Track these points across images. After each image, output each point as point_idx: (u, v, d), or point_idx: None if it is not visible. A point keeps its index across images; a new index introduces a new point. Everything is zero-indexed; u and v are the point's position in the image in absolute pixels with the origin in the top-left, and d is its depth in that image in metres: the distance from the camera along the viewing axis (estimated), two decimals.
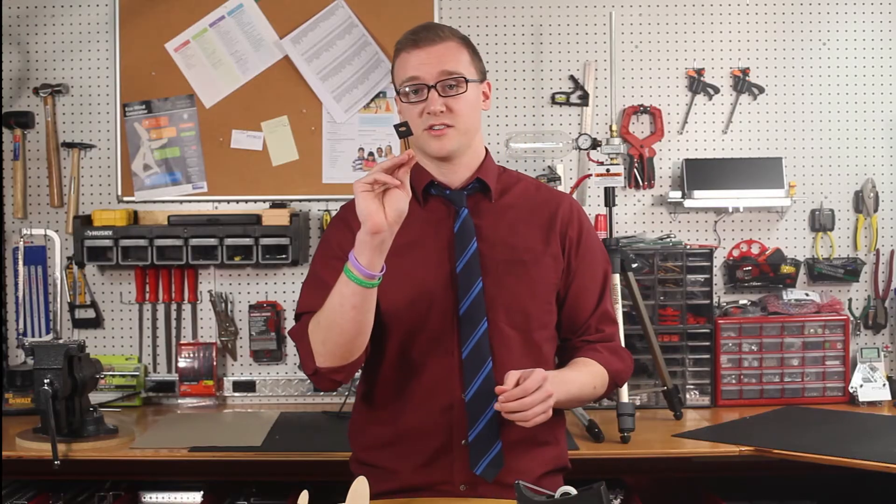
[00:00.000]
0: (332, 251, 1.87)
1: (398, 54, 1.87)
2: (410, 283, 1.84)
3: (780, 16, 3.32)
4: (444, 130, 1.82)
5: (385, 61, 3.27)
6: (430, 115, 1.81)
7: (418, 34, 1.85)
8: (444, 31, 1.86)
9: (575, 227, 1.94)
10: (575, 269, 1.92)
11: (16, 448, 2.63)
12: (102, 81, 3.30)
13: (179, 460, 2.65)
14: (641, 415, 2.91)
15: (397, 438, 1.87)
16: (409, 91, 1.83)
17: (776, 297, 3.21)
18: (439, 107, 1.80)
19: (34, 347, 2.67)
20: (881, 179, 3.32)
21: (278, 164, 3.29)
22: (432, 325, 1.84)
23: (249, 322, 3.26)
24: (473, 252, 1.84)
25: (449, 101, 1.81)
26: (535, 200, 1.94)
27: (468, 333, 1.82)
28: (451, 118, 1.82)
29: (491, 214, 1.90)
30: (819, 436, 2.68)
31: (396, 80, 1.88)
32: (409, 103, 1.83)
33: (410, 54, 1.83)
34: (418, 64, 1.82)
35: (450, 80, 1.82)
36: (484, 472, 1.81)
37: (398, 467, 1.86)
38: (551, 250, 1.90)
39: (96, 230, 3.14)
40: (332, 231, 1.94)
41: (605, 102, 3.28)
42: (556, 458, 1.93)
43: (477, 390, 1.82)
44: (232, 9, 3.28)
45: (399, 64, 1.87)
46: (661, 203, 3.32)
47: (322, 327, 1.76)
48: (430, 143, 1.84)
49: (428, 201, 1.90)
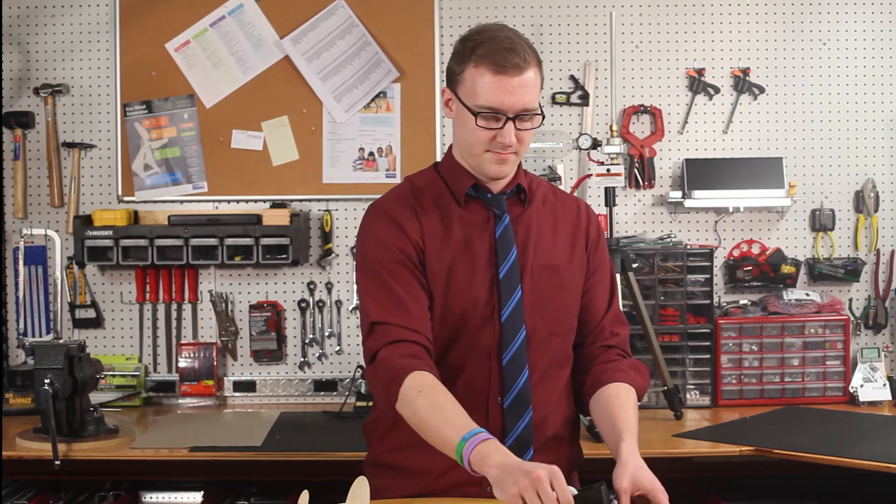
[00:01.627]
0: (392, 254, 1.81)
1: (474, 66, 1.76)
2: (459, 290, 1.82)
3: (780, 16, 3.32)
4: (508, 156, 1.80)
5: (385, 61, 3.27)
6: (500, 143, 1.78)
7: (504, 58, 1.74)
8: (529, 55, 1.77)
9: (594, 230, 1.95)
10: (592, 270, 1.93)
11: (16, 448, 2.64)
12: (103, 81, 3.30)
13: (179, 460, 2.65)
14: (642, 415, 2.83)
15: None
16: (486, 116, 1.77)
17: (776, 297, 3.21)
18: (514, 139, 1.77)
19: (34, 347, 2.68)
20: (881, 179, 3.32)
21: (278, 164, 3.29)
22: (474, 330, 1.82)
23: (250, 322, 3.26)
24: (515, 258, 1.83)
25: (521, 133, 1.79)
26: (556, 205, 1.94)
27: (510, 339, 1.82)
28: (518, 147, 1.80)
29: (524, 220, 1.89)
30: (819, 436, 2.67)
31: (468, 93, 1.78)
32: (481, 127, 1.77)
33: (495, 78, 1.75)
34: (501, 94, 1.74)
35: (528, 113, 1.78)
36: None
37: (426, 468, 1.82)
38: (577, 254, 1.90)
39: (97, 230, 3.14)
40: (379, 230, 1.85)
41: (605, 102, 3.28)
42: (575, 457, 1.95)
43: (515, 396, 1.81)
44: (232, 9, 3.28)
45: (475, 80, 1.76)
46: (661, 203, 3.32)
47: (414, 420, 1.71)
48: (491, 166, 1.81)
49: (468, 203, 1.87)
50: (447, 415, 1.67)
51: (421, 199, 1.86)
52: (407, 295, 1.77)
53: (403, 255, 1.78)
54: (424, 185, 1.89)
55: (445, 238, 1.78)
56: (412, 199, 1.86)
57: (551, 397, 1.87)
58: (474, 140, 1.79)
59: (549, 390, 1.87)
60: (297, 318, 3.30)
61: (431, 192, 1.87)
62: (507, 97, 1.74)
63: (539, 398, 1.84)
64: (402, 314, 1.76)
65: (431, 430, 1.68)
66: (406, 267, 1.78)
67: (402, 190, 1.90)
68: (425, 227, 1.82)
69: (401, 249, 1.79)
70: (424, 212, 1.84)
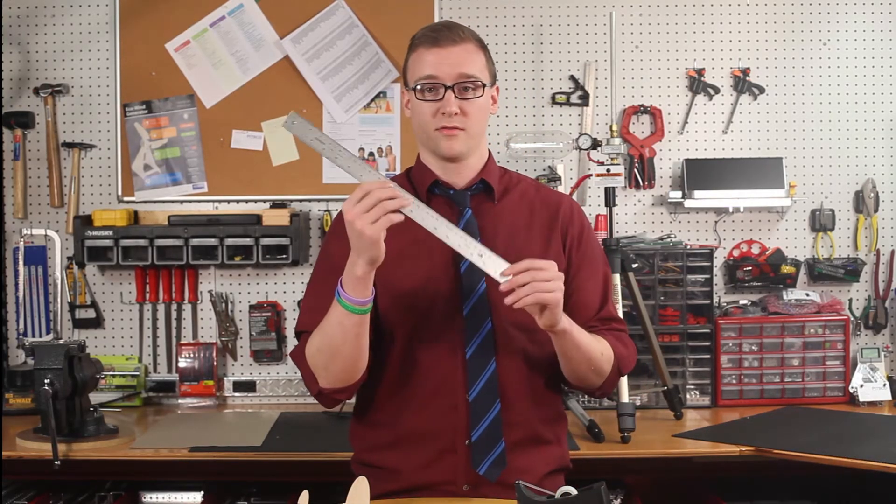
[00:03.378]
0: (334, 265, 1.84)
1: (414, 49, 1.85)
2: (415, 284, 1.84)
3: (780, 16, 3.32)
4: (455, 132, 1.83)
5: (385, 61, 3.27)
6: (444, 116, 1.81)
7: (438, 32, 1.83)
8: (465, 32, 1.85)
9: (576, 227, 1.94)
10: (577, 267, 1.92)
11: (16, 448, 2.63)
12: (103, 81, 3.30)
13: (179, 460, 2.64)
14: (642, 415, 2.91)
15: (400, 439, 1.86)
16: (425, 89, 1.82)
17: (776, 297, 3.21)
18: (454, 108, 1.81)
19: (34, 347, 2.68)
20: (881, 179, 3.32)
21: (278, 164, 3.29)
22: (436, 325, 1.84)
23: (250, 322, 3.26)
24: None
25: (464, 103, 1.82)
26: (535, 201, 1.95)
27: (472, 333, 1.82)
28: (464, 121, 1.83)
29: (493, 215, 1.90)
30: (819, 436, 2.68)
31: (410, 75, 1.86)
32: (423, 100, 1.83)
33: (429, 52, 1.82)
34: (437, 63, 1.81)
35: (467, 82, 1.82)
36: (487, 472, 1.81)
37: (401, 467, 1.85)
38: (553, 250, 1.90)
39: (96, 230, 3.14)
40: (330, 240, 1.92)
41: (605, 102, 3.28)
42: (558, 458, 1.93)
43: (481, 390, 1.82)
44: (232, 9, 3.28)
45: (415, 60, 1.85)
46: (661, 203, 3.32)
47: (324, 354, 1.79)
48: (441, 142, 1.84)
49: (431, 201, 1.89)
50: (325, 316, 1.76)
51: None
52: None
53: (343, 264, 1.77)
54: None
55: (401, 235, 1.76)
56: None
57: (525, 394, 1.87)
58: (423, 121, 1.83)
59: (523, 387, 1.86)
60: (296, 318, 3.29)
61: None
62: (443, 66, 1.81)
63: (510, 394, 1.84)
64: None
65: (328, 334, 1.75)
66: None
67: None
68: None
69: (342, 259, 1.79)
70: None
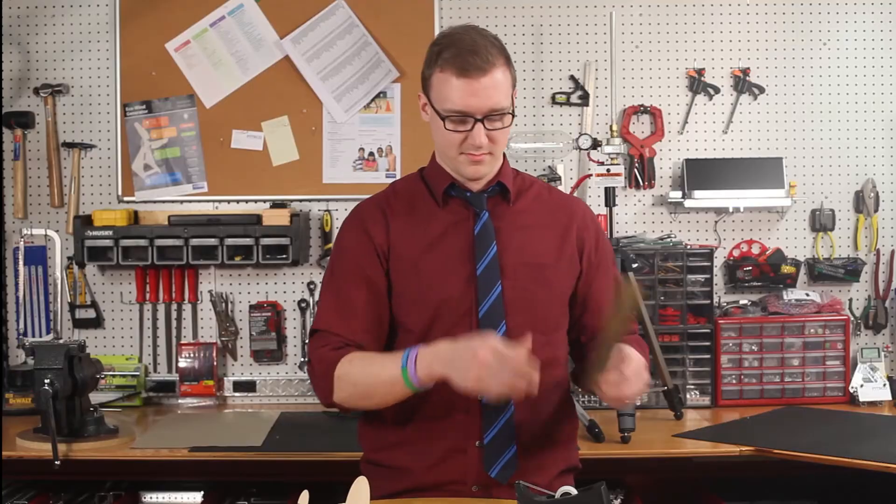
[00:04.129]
0: (351, 264, 1.85)
1: (441, 69, 1.77)
2: (431, 285, 1.84)
3: (780, 16, 3.32)
4: (482, 157, 1.81)
5: (385, 61, 3.27)
6: (472, 146, 1.79)
7: (467, 61, 1.74)
8: (492, 55, 1.76)
9: (592, 233, 1.95)
10: (595, 273, 1.93)
11: (16, 448, 2.64)
12: (103, 81, 3.30)
13: (179, 460, 2.65)
14: (642, 415, 2.90)
15: (410, 438, 1.86)
16: (454, 119, 1.78)
17: (776, 297, 3.21)
18: (484, 140, 1.78)
19: (34, 347, 2.68)
20: (881, 179, 3.32)
21: (278, 164, 3.29)
22: (451, 327, 1.82)
23: (250, 322, 3.26)
24: (494, 255, 1.83)
25: (492, 133, 1.80)
26: (548, 205, 1.94)
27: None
28: (491, 147, 1.81)
29: (508, 218, 1.89)
30: (819, 436, 2.68)
31: (436, 98, 1.80)
32: (450, 130, 1.79)
33: (459, 81, 1.75)
34: (466, 97, 1.75)
35: (495, 114, 1.78)
36: (499, 474, 1.81)
37: (410, 466, 1.85)
38: (566, 255, 1.90)
39: (97, 230, 3.14)
40: (346, 237, 1.91)
41: (605, 102, 3.28)
42: (568, 459, 1.94)
43: None
44: (232, 9, 3.28)
45: (441, 85, 1.77)
46: (661, 203, 3.32)
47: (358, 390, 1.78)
48: (467, 168, 1.83)
49: (447, 203, 1.89)
50: (380, 360, 1.76)
51: (395, 201, 1.90)
52: (353, 305, 1.82)
53: (362, 264, 1.79)
54: (403, 188, 1.94)
55: (417, 237, 1.78)
56: (385, 203, 1.90)
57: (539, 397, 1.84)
58: (447, 143, 1.82)
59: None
60: (297, 318, 3.30)
61: (408, 194, 1.91)
62: (473, 100, 1.76)
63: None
64: (343, 324, 1.82)
65: (375, 382, 1.75)
66: (362, 277, 1.80)
67: (380, 194, 1.95)
68: (393, 228, 1.86)
69: (360, 258, 1.81)
70: (395, 213, 1.88)
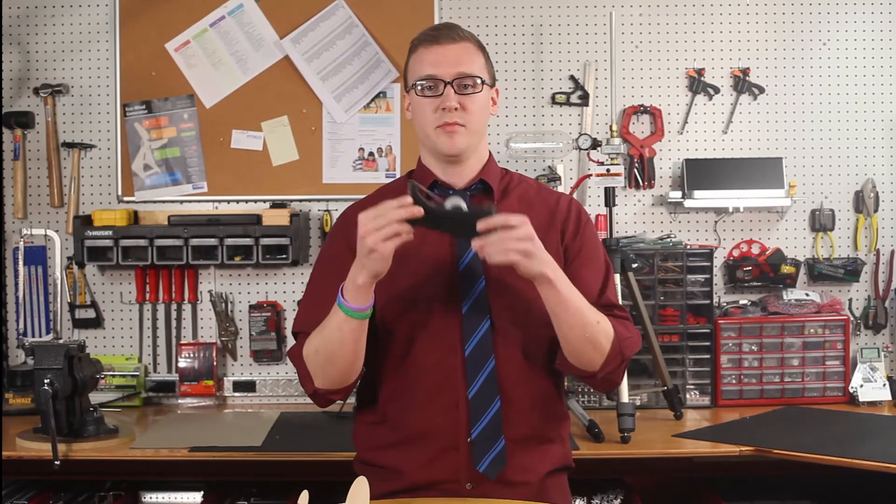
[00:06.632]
0: (332, 267, 1.88)
1: (414, 50, 1.89)
2: (414, 282, 1.85)
3: (780, 16, 3.32)
4: (456, 128, 1.84)
5: (385, 61, 3.27)
6: (445, 112, 1.83)
7: (438, 31, 1.87)
8: (463, 32, 1.89)
9: (573, 220, 1.94)
10: (574, 255, 1.92)
11: (16, 448, 2.64)
12: (102, 81, 3.30)
13: (179, 460, 2.65)
14: (641, 415, 2.90)
15: (402, 438, 1.87)
16: (425, 87, 1.84)
17: (776, 297, 3.21)
18: (454, 103, 1.82)
19: (34, 347, 2.68)
20: (881, 179, 3.32)
21: (278, 164, 3.29)
22: (435, 325, 1.85)
23: (249, 322, 3.26)
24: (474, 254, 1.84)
25: (463, 99, 1.84)
26: (534, 201, 1.95)
27: (470, 332, 1.83)
28: (464, 117, 1.84)
29: None
30: (819, 436, 2.68)
31: (411, 75, 1.89)
32: (423, 97, 1.85)
33: (428, 50, 1.86)
34: (436, 61, 1.84)
35: (466, 79, 1.84)
36: (487, 469, 1.82)
37: (404, 467, 1.86)
38: (551, 247, 1.89)
39: (96, 230, 3.14)
40: (331, 240, 1.97)
41: (605, 102, 3.28)
42: (560, 457, 1.94)
43: (480, 387, 1.82)
44: (232, 9, 3.28)
45: (415, 59, 1.88)
46: (661, 203, 3.32)
47: (321, 356, 1.82)
48: (441, 139, 1.85)
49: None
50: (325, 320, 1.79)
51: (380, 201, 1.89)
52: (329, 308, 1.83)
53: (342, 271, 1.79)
54: (391, 190, 1.96)
55: None
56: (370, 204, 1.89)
57: (526, 392, 1.87)
58: (424, 119, 1.86)
59: (522, 384, 1.87)
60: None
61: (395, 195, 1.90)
62: (442, 63, 1.84)
63: (510, 392, 1.85)
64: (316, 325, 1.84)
65: (329, 338, 1.78)
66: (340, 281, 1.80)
67: (367, 198, 1.98)
68: None
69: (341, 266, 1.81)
70: None
